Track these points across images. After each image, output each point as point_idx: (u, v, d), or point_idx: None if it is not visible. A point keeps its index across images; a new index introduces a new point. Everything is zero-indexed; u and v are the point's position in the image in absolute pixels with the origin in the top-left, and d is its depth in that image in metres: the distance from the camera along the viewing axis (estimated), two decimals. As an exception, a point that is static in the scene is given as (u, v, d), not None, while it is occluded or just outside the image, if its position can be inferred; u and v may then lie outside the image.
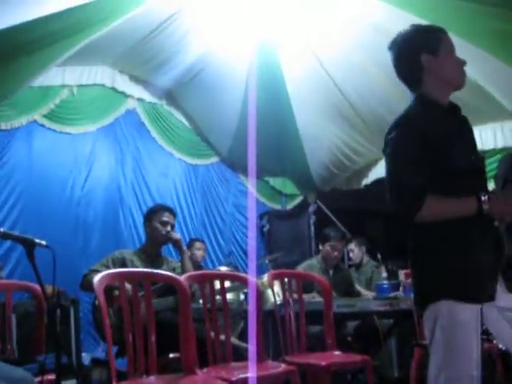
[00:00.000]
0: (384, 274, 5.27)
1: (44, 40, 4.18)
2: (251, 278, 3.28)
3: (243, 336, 4.27)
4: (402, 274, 4.24)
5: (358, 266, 5.83)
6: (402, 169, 1.93)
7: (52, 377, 2.40)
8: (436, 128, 1.98)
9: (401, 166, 1.94)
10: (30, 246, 2.08)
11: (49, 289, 2.84)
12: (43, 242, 2.13)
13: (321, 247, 4.93)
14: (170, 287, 3.36)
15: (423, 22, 4.31)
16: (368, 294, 4.99)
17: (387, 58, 5.14)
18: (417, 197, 1.87)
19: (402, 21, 4.47)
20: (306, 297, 3.95)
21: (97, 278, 2.46)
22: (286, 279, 3.57)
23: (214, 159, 7.19)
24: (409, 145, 1.94)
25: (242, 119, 6.31)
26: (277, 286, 3.66)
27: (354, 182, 7.30)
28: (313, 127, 6.37)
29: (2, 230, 2.05)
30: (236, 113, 6.31)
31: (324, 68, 5.53)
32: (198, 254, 5.89)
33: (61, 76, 5.54)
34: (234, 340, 3.58)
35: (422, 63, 2.04)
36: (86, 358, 4.75)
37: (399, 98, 5.53)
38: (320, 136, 6.52)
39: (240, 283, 3.78)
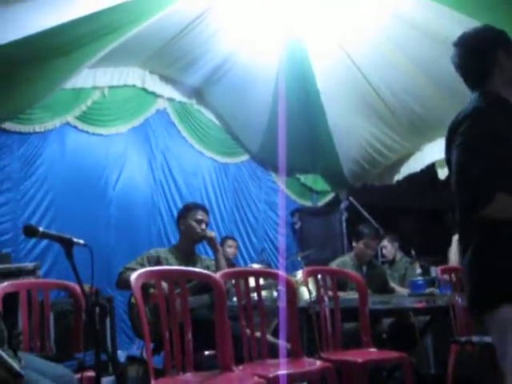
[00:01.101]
0: (418, 271, 5.21)
1: (76, 42, 4.24)
2: (284, 274, 3.27)
3: (277, 333, 4.26)
4: (437, 270, 4.17)
5: (391, 262, 5.77)
6: (474, 161, 1.87)
7: (91, 373, 2.43)
8: (507, 125, 1.95)
9: (473, 159, 1.88)
10: (68, 245, 2.10)
11: (85, 287, 2.89)
12: (81, 241, 2.16)
13: (354, 244, 4.88)
14: (204, 285, 3.37)
15: (452, 12, 4.27)
16: (402, 291, 4.94)
17: (417, 50, 5.07)
18: (487, 190, 1.82)
19: (429, 11, 4.43)
20: (341, 294, 3.92)
21: (134, 276, 2.48)
22: (320, 276, 3.55)
23: (245, 157, 7.20)
24: (480, 138, 1.89)
25: (273, 116, 6.30)
26: (310, 283, 3.64)
27: (386, 177, 7.22)
28: (343, 122, 6.33)
29: (41, 229, 2.07)
30: (266, 110, 6.31)
31: (353, 62, 5.49)
32: (230, 251, 5.91)
33: (92, 78, 5.62)
34: (269, 337, 3.57)
35: (498, 58, 2.04)
36: (121, 355, 4.82)
37: (431, 91, 5.48)
38: (351, 131, 6.47)
39: (274, 280, 3.78)
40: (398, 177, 7.05)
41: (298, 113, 6.23)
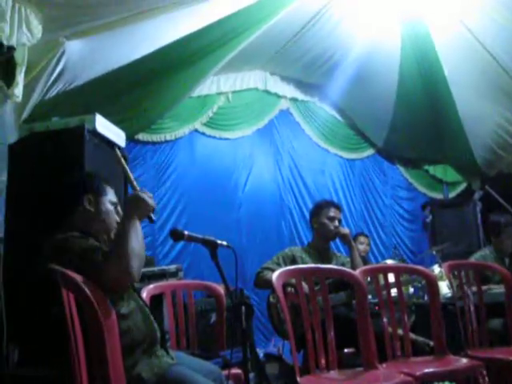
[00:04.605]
0: None
1: (203, 50, 4.40)
2: (428, 270, 3.16)
3: (414, 330, 4.14)
4: None
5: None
6: None
7: (235, 371, 2.50)
8: None
9: None
10: (213, 247, 2.18)
11: (222, 287, 2.97)
12: (224, 243, 2.22)
13: (493, 239, 4.60)
14: (340, 282, 3.35)
15: None
16: None
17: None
18: None
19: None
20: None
21: (275, 276, 2.51)
22: (462, 270, 3.39)
23: (370, 152, 7.12)
24: None
25: (398, 107, 6.14)
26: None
27: (524, 163, 6.80)
28: (473, 106, 5.99)
29: (186, 233, 2.16)
30: (391, 101, 6.15)
31: (478, 40, 5.14)
32: (362, 248, 5.80)
33: (216, 84, 5.81)
34: (410, 334, 3.48)
35: None
36: (258, 353, 4.92)
37: None
38: (481, 115, 6.13)
39: (410, 276, 3.68)
40: (538, 162, 6.61)
41: (425, 101, 6.01)
